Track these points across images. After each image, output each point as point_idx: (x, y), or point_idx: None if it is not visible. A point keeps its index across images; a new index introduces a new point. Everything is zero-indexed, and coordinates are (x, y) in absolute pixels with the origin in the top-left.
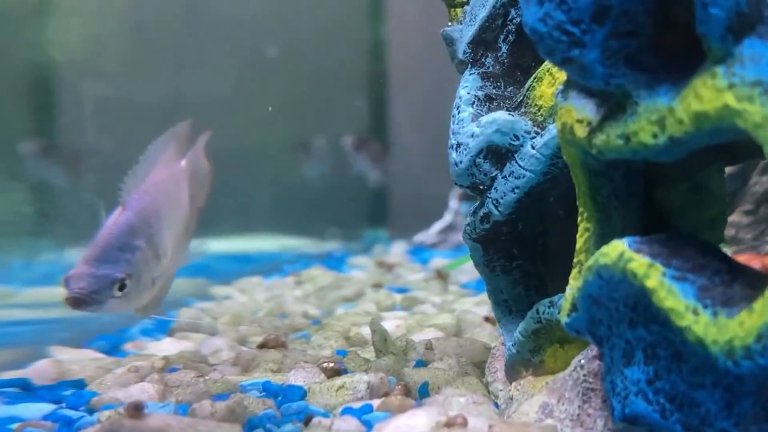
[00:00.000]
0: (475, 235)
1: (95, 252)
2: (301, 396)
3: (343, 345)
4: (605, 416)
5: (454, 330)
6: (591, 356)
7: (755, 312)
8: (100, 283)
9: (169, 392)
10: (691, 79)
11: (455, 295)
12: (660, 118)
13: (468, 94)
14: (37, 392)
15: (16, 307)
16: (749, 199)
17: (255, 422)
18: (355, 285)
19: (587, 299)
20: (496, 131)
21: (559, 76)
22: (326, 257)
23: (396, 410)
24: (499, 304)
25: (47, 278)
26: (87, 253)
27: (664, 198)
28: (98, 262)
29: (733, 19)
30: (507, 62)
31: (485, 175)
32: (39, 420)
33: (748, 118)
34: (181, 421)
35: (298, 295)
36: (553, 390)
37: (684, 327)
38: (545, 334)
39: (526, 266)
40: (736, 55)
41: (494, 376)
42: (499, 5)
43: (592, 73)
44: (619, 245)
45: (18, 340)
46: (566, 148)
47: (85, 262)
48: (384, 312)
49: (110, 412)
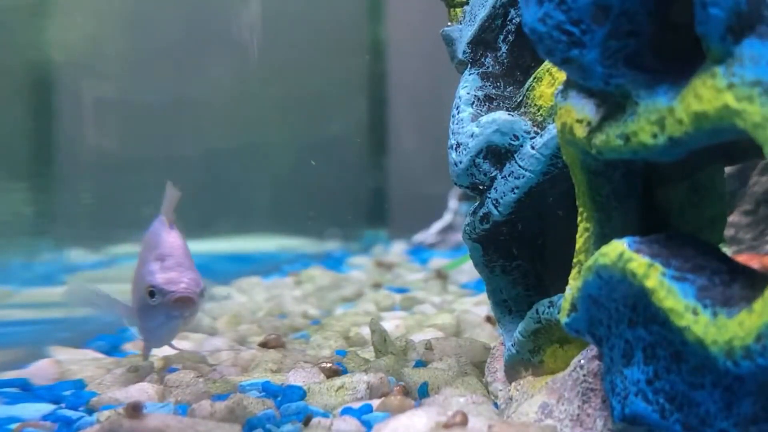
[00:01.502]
0: (474, 235)
1: (179, 261)
2: (301, 396)
3: (343, 345)
4: (605, 416)
5: (453, 330)
6: (590, 356)
7: (755, 312)
8: (199, 286)
9: (168, 392)
10: (691, 79)
11: (455, 295)
12: (659, 118)
13: (468, 94)
14: (37, 392)
15: (16, 307)
16: (749, 199)
17: (254, 422)
18: (355, 285)
19: (587, 299)
20: (496, 131)
21: (559, 76)
22: (326, 257)
23: (395, 410)
24: (499, 304)
25: (47, 278)
26: (167, 261)
27: (664, 198)
28: (185, 270)
29: (732, 19)
30: (506, 62)
31: (485, 175)
32: (38, 420)
33: (747, 118)
34: (181, 422)
35: (297, 295)
36: (552, 390)
37: (683, 327)
38: (545, 334)
39: (525, 266)
40: (735, 55)
41: (494, 376)
42: (499, 5)
43: (592, 73)
44: (618, 245)
45: (17, 340)
46: (566, 148)
47: (172, 269)
48: (383, 312)
49: (109, 412)
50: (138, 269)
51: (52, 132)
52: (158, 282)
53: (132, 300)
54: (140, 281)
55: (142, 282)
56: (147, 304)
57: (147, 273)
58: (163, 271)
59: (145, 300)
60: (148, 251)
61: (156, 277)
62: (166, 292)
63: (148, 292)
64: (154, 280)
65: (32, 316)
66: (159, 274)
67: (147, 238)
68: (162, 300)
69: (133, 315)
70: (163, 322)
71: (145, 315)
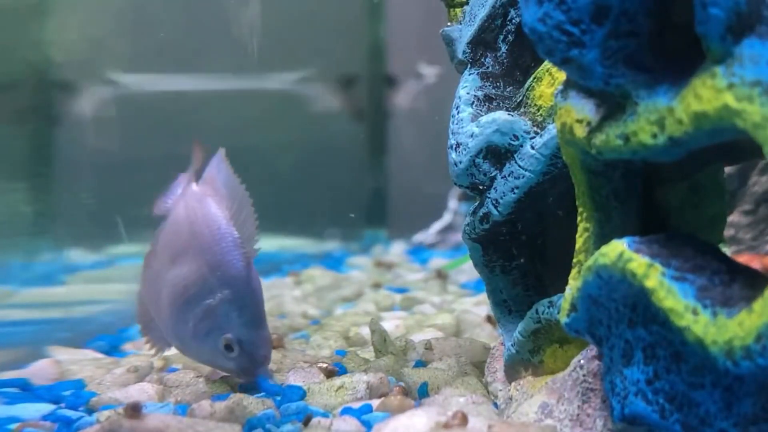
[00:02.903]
0: (474, 235)
1: (259, 311)
2: (301, 396)
3: (343, 345)
4: (605, 416)
5: (453, 330)
6: (590, 356)
7: (755, 312)
8: (271, 346)
9: (168, 392)
10: (691, 79)
11: (454, 295)
12: (659, 118)
13: (467, 94)
14: (37, 392)
15: (15, 307)
16: (748, 199)
17: (254, 422)
18: (355, 285)
19: (587, 299)
20: (496, 131)
21: (559, 76)
22: (325, 257)
23: (395, 410)
24: (499, 304)
25: (46, 278)
26: (247, 311)
27: (664, 198)
28: (265, 328)
29: (732, 19)
30: (506, 62)
31: (485, 175)
32: (38, 420)
33: (747, 118)
34: (180, 422)
35: (297, 295)
36: (552, 390)
37: (683, 327)
38: (545, 334)
39: (525, 266)
40: (735, 55)
41: (494, 376)
42: (499, 5)
43: (592, 73)
44: (618, 245)
45: (17, 340)
46: (565, 148)
47: (255, 325)
48: (383, 312)
49: (109, 412)
50: (167, 250)
51: (52, 132)
52: (240, 340)
53: (144, 283)
54: (181, 284)
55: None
56: (216, 347)
57: (219, 314)
58: (244, 327)
59: (215, 344)
60: (183, 234)
61: (235, 332)
62: (249, 357)
63: (225, 345)
64: (232, 335)
65: (32, 316)
66: (239, 328)
67: (185, 211)
68: (239, 362)
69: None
70: (223, 365)
71: (205, 345)
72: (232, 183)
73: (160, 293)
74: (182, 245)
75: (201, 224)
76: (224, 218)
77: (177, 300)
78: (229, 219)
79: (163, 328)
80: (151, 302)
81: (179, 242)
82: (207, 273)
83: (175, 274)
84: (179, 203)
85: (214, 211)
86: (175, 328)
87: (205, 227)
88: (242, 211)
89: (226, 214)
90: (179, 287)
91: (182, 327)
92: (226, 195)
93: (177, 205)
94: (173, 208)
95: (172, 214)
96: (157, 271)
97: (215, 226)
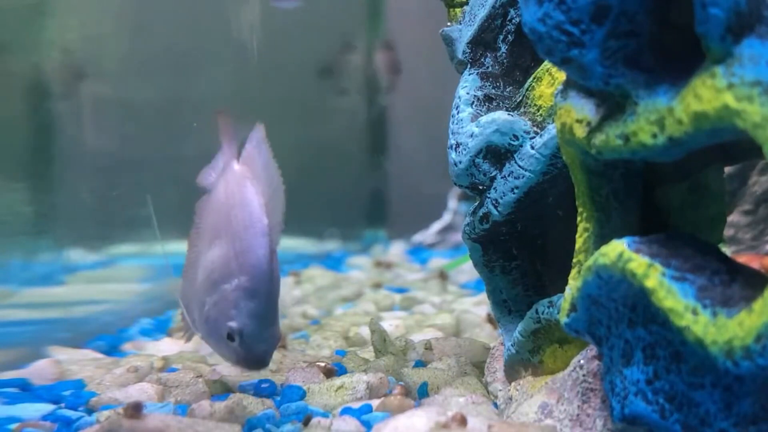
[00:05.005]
0: (474, 235)
1: (267, 303)
2: (301, 396)
3: (343, 345)
4: (604, 416)
5: (453, 330)
6: (590, 356)
7: (754, 312)
8: (276, 342)
9: (168, 392)
10: (691, 79)
11: (454, 295)
12: (659, 118)
13: (467, 94)
14: (36, 392)
15: (15, 307)
16: (748, 199)
17: (254, 422)
18: (354, 285)
19: (586, 299)
20: (496, 131)
21: (559, 76)
22: (325, 257)
23: (395, 410)
24: (499, 304)
25: (46, 278)
26: (255, 301)
27: (663, 198)
28: (272, 322)
29: (732, 19)
30: (506, 62)
31: (484, 175)
32: (38, 420)
33: (747, 118)
34: (180, 422)
35: (297, 295)
36: (552, 390)
37: (683, 327)
38: (544, 334)
39: (525, 266)
40: (735, 55)
41: (493, 376)
42: (499, 5)
43: (592, 73)
44: (618, 245)
45: (17, 340)
46: (565, 148)
47: (260, 316)
48: (383, 312)
49: (109, 412)
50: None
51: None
52: (241, 331)
53: (186, 262)
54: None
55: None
56: (220, 334)
57: (230, 301)
58: (249, 318)
59: (221, 331)
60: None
61: (239, 322)
62: (246, 350)
63: (227, 333)
64: (236, 324)
65: (32, 316)
66: (244, 318)
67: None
68: (238, 354)
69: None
70: (225, 354)
71: (212, 331)
72: (270, 167)
73: (197, 275)
74: (219, 228)
75: (237, 209)
76: (258, 204)
77: (204, 283)
78: (262, 205)
79: (192, 310)
80: (188, 283)
81: (217, 225)
82: (232, 258)
83: (209, 256)
84: (220, 183)
85: (250, 197)
86: (198, 309)
87: (240, 212)
88: (275, 198)
89: (260, 200)
90: (208, 270)
91: (200, 309)
92: (263, 179)
93: (218, 184)
94: (215, 186)
95: (213, 194)
96: (198, 252)
97: (248, 212)
